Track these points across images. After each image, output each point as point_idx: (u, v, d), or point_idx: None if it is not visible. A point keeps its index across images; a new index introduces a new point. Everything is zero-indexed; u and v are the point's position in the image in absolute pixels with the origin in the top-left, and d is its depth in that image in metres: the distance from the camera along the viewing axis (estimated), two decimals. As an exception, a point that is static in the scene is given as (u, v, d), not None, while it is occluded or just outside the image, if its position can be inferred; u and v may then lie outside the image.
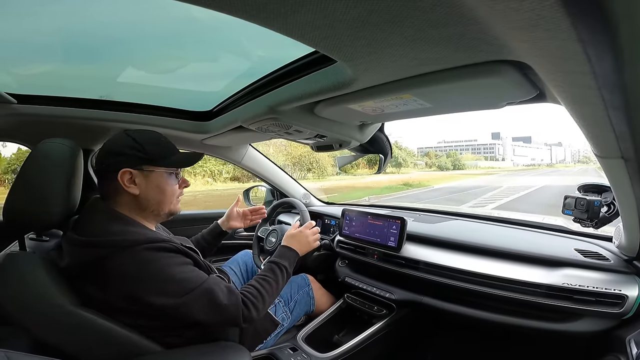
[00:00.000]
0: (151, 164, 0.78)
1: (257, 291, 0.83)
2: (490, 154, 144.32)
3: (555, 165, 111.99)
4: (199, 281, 0.73)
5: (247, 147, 1.65)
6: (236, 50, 0.85)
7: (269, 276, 0.88)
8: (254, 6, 0.37)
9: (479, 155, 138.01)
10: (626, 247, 0.82)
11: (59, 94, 1.02)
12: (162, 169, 0.80)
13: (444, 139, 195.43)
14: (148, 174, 0.78)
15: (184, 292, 0.71)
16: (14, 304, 0.67)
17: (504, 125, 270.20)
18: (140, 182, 0.77)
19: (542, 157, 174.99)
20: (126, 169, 0.75)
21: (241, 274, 1.32)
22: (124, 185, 0.75)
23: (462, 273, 1.00)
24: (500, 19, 0.33)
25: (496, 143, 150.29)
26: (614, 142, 0.49)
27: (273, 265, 0.93)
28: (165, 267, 0.71)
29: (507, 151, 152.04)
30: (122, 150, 0.76)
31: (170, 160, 0.81)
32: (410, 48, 0.46)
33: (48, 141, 0.78)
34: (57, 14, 0.68)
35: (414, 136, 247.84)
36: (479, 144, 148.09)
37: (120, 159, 0.75)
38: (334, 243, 1.41)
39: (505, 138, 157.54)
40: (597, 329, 0.82)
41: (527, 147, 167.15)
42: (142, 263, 0.69)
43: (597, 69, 0.34)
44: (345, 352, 1.06)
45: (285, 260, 0.96)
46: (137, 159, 0.76)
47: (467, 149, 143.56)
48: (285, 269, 0.93)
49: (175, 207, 0.85)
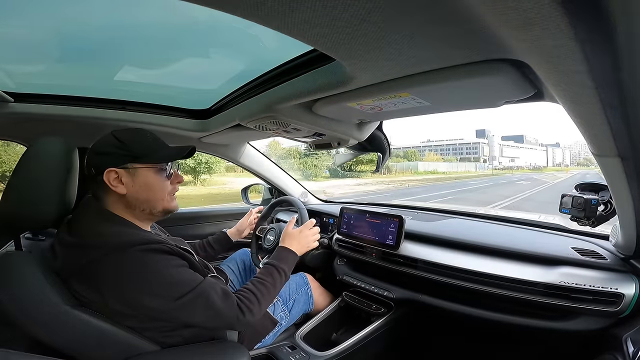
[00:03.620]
0: (136, 161, 0.76)
1: (253, 295, 0.81)
2: (474, 154, 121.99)
3: (544, 169, 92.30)
4: (194, 284, 0.72)
5: (246, 145, 1.65)
6: (234, 48, 0.85)
7: (266, 279, 0.87)
8: (253, 4, 0.37)
9: (452, 157, 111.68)
10: (623, 245, 0.83)
11: (56, 93, 1.02)
12: (148, 165, 0.78)
13: (429, 137, 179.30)
14: (134, 171, 0.76)
15: (178, 295, 0.70)
16: (11, 304, 0.66)
17: (494, 123, 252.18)
18: (127, 181, 0.76)
19: (535, 158, 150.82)
20: (111, 169, 0.74)
21: (239, 273, 1.32)
22: (110, 185, 0.74)
23: (460, 271, 1.00)
24: (498, 17, 0.33)
25: (480, 142, 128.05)
26: (610, 140, 0.49)
27: (271, 268, 0.91)
28: (160, 269, 0.70)
29: (494, 151, 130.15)
30: (105, 150, 0.75)
31: (156, 156, 0.79)
32: (408, 46, 0.46)
33: (43, 140, 0.77)
34: (53, 12, 0.67)
35: (402, 135, 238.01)
36: (461, 144, 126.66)
37: (104, 158, 0.75)
38: (332, 241, 1.41)
39: (492, 136, 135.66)
40: (594, 327, 0.83)
41: (518, 148, 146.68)
42: (136, 265, 0.68)
43: (595, 68, 0.34)
44: (343, 351, 1.06)
45: (284, 263, 0.95)
46: (121, 157, 0.75)
47: (448, 149, 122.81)
48: (284, 272, 0.92)
49: (170, 204, 0.83)
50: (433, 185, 21.20)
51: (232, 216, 1.79)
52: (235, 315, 0.76)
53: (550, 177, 37.55)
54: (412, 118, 0.86)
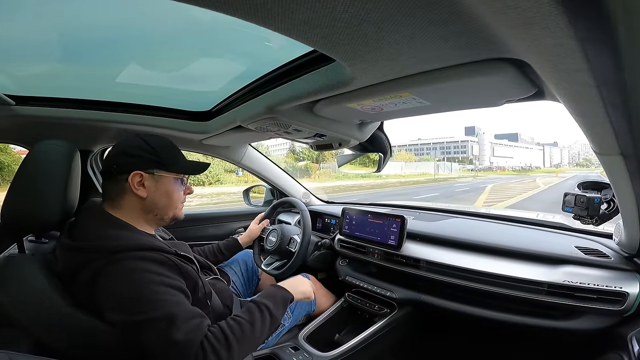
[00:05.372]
0: (163, 169, 0.79)
1: (223, 335, 0.66)
2: (462, 153, 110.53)
3: (531, 172, 77.49)
4: (164, 304, 0.64)
5: (247, 146, 1.65)
6: (235, 49, 0.85)
7: (242, 317, 0.73)
8: (252, 5, 0.37)
9: (430, 157, 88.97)
10: (626, 244, 0.82)
11: (57, 95, 1.02)
12: (173, 174, 0.81)
13: (419, 136, 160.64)
14: (159, 178, 0.79)
15: (139, 311, 0.62)
16: (14, 306, 0.67)
17: (488, 120, 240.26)
18: (149, 186, 0.77)
19: (531, 158, 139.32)
20: (137, 171, 0.75)
21: (241, 274, 1.32)
22: (133, 187, 0.75)
23: (463, 271, 1.00)
24: (498, 16, 0.33)
25: (469, 140, 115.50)
26: (612, 138, 0.49)
27: (251, 305, 0.77)
28: (140, 281, 0.65)
29: (484, 150, 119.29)
30: (136, 153, 0.76)
31: (180, 167, 0.82)
32: (409, 46, 0.46)
33: (45, 142, 0.77)
34: (54, 14, 0.67)
35: (393, 134, 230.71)
36: (448, 142, 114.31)
37: (134, 160, 0.76)
38: (335, 242, 1.41)
39: (483, 134, 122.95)
40: (599, 326, 0.82)
41: (511, 147, 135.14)
42: (122, 271, 0.66)
43: (596, 67, 0.34)
44: (346, 351, 1.06)
45: (269, 299, 0.79)
46: (151, 162, 0.77)
47: (435, 148, 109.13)
48: (267, 309, 0.76)
49: (179, 212, 0.86)
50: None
51: (234, 218, 1.79)
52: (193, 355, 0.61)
53: (525, 185, 22.52)
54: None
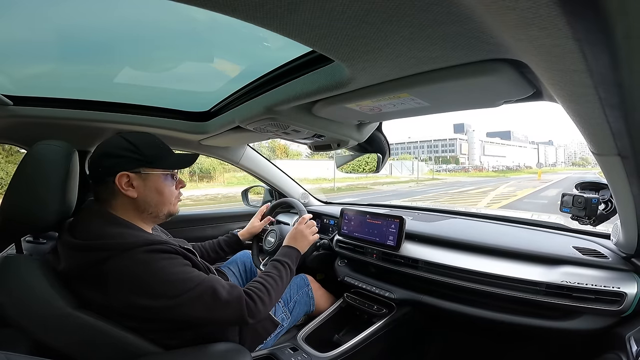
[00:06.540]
0: (149, 167, 0.78)
1: (262, 285, 0.82)
2: (450, 152, 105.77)
3: (521, 172, 69.87)
4: (199, 280, 0.73)
5: (245, 147, 1.65)
6: (233, 50, 0.85)
7: (272, 272, 0.89)
8: (251, 6, 0.37)
9: (409, 156, 76.85)
10: (624, 244, 0.82)
11: (56, 95, 1.01)
12: (160, 170, 0.79)
13: (409, 136, 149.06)
14: (146, 176, 0.77)
15: (184, 291, 0.70)
16: (12, 307, 0.67)
17: (480, 118, 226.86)
18: (138, 185, 0.76)
19: (525, 157, 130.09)
20: (123, 172, 0.74)
21: (240, 275, 1.32)
22: (122, 188, 0.75)
23: (462, 271, 1.00)
24: (496, 17, 0.33)
25: (458, 138, 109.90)
26: (610, 139, 0.49)
27: (275, 263, 0.94)
28: (165, 268, 0.70)
29: (473, 148, 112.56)
30: (118, 153, 0.75)
31: (167, 162, 0.80)
32: (407, 47, 0.46)
33: (43, 143, 0.77)
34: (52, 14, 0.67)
35: (392, 133, 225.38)
36: (436, 140, 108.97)
37: (117, 161, 0.75)
38: (333, 243, 1.41)
39: (472, 132, 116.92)
40: (597, 326, 0.82)
41: (504, 145, 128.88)
42: (142, 265, 0.68)
43: (593, 67, 0.34)
44: (345, 352, 1.06)
45: (287, 257, 0.97)
46: (135, 161, 0.76)
47: (422, 147, 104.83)
48: (288, 266, 0.94)
49: (174, 207, 0.85)
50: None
51: (232, 218, 1.79)
52: (244, 305, 0.76)
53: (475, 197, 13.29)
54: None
